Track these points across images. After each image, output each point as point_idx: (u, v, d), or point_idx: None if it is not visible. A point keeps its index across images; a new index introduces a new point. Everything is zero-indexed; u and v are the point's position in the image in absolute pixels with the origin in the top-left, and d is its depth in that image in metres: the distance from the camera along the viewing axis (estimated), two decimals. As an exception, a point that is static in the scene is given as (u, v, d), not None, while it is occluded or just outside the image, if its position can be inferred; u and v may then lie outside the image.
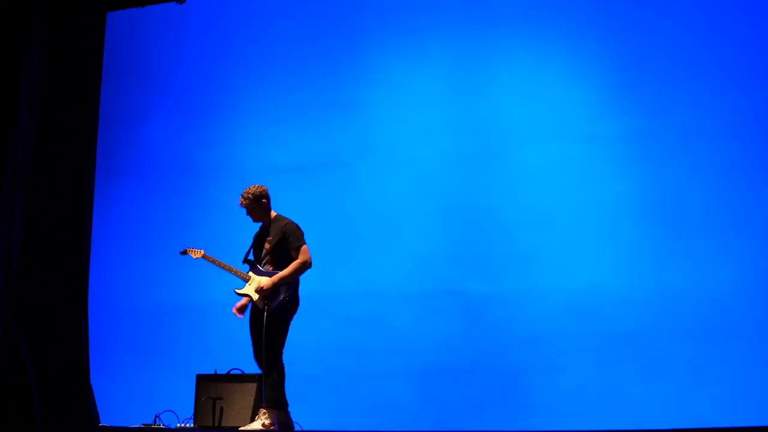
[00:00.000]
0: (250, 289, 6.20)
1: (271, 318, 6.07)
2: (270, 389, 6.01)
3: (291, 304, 6.16)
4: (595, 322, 6.93)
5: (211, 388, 6.57)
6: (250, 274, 6.25)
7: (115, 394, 7.32)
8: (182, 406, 6.82)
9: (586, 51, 7.48)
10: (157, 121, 8.35)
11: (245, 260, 6.33)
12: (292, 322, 6.18)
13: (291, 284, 6.16)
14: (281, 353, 6.09)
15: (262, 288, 6.12)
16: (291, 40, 8.13)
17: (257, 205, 6.35)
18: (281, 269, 6.18)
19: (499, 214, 7.38)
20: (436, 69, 7.78)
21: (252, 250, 6.39)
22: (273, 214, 6.40)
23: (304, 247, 6.21)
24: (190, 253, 6.52)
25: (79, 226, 7.22)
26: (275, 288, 6.12)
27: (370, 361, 7.29)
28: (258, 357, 6.15)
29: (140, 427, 6.72)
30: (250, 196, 6.33)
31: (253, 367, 6.32)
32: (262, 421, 5.96)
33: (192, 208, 8.03)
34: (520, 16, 7.66)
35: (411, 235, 7.53)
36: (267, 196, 6.39)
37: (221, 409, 6.48)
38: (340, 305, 7.46)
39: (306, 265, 6.19)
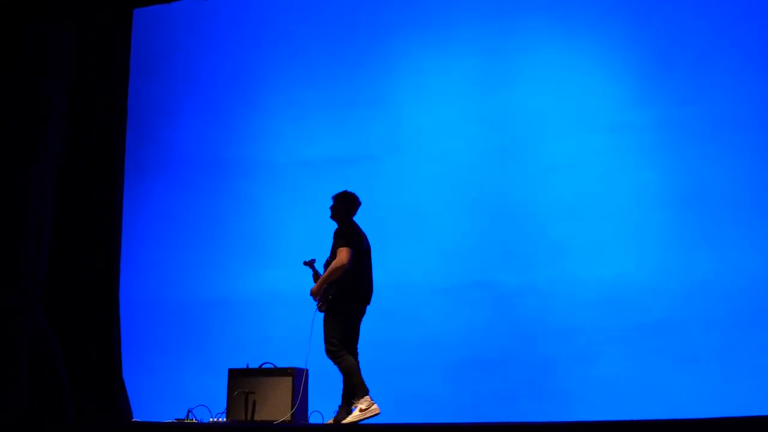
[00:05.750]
0: None
1: (323, 317, 6.16)
2: None
3: (337, 304, 6.12)
4: (626, 312, 6.94)
5: (243, 382, 6.59)
6: None
7: (147, 389, 7.33)
8: (215, 401, 6.83)
9: (613, 40, 7.48)
10: (186, 117, 8.38)
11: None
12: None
13: (332, 285, 6.11)
14: (335, 349, 6.04)
15: (311, 292, 6.22)
16: (318, 35, 8.15)
17: (338, 205, 6.32)
18: None
19: (529, 205, 7.38)
20: (463, 62, 7.79)
21: None
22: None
23: (340, 248, 6.11)
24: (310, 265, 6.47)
25: (110, 223, 7.22)
26: (322, 290, 6.16)
27: (402, 354, 7.29)
28: None
29: (173, 422, 6.73)
30: (336, 197, 6.33)
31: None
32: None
33: (221, 203, 8.06)
34: (545, 6, 7.66)
35: (440, 228, 7.53)
36: (346, 204, 6.32)
37: (254, 403, 6.49)
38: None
39: (338, 267, 6.08)
